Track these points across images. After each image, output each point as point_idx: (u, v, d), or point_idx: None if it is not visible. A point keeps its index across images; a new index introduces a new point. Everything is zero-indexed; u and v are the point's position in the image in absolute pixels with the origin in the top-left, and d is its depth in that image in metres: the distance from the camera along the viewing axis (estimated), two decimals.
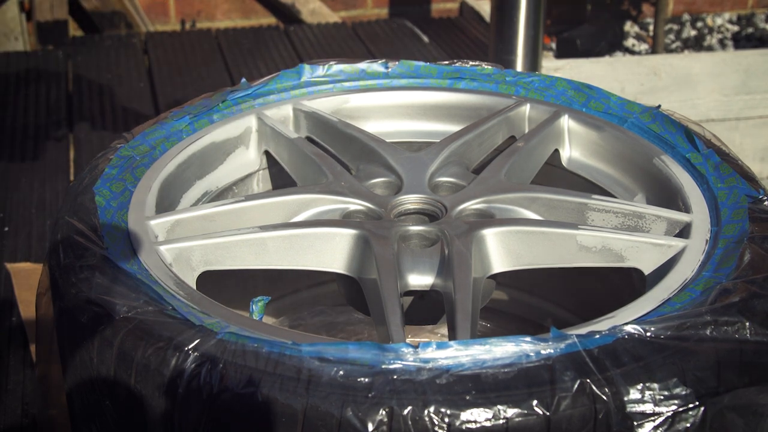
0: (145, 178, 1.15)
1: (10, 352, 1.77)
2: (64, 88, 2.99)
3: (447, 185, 1.21)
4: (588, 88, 1.34)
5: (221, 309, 0.92)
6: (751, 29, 3.66)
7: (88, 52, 3.27)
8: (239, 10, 3.66)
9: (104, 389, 0.88)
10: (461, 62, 1.42)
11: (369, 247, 1.04)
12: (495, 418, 0.77)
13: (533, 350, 0.82)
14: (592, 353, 0.82)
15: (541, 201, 1.15)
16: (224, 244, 1.05)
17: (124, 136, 1.22)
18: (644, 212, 1.11)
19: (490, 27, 2.65)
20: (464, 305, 0.96)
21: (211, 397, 0.80)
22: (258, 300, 1.01)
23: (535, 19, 2.50)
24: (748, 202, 1.06)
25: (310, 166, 1.24)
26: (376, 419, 0.77)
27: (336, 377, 0.79)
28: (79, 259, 0.97)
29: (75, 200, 1.09)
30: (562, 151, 1.30)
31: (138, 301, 0.90)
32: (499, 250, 1.07)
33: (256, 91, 1.35)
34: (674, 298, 0.93)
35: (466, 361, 0.81)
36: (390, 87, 1.40)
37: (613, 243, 1.06)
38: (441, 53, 3.28)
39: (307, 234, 1.06)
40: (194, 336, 0.85)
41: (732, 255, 0.98)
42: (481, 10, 3.50)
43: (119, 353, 0.86)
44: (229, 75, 3.10)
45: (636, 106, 1.29)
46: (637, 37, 3.55)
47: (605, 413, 0.79)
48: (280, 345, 0.83)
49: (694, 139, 1.20)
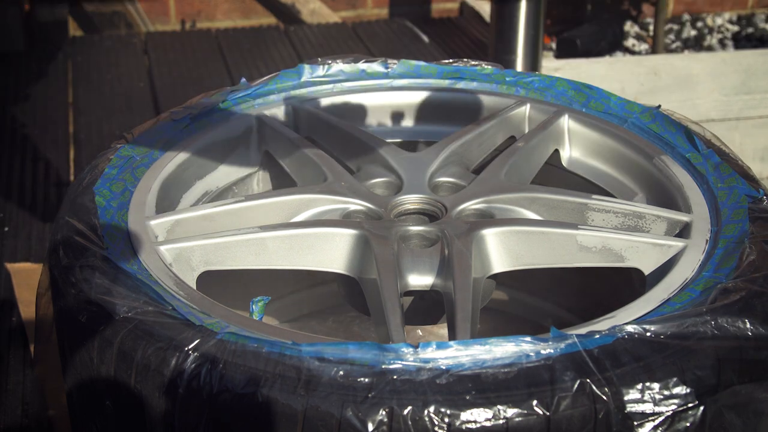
0: (145, 178, 1.15)
1: (10, 352, 1.77)
2: (64, 88, 2.99)
3: (447, 185, 1.21)
4: (588, 88, 1.34)
5: (221, 309, 0.92)
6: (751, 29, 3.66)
7: (88, 52, 3.27)
8: (239, 10, 3.66)
9: (104, 389, 0.88)
10: (461, 62, 1.42)
11: (369, 247, 1.04)
12: (495, 418, 0.77)
13: (533, 350, 0.82)
14: (592, 353, 0.82)
15: (541, 201, 1.14)
16: (224, 244, 1.05)
17: (124, 136, 1.22)
18: (644, 212, 1.11)
19: (490, 27, 2.65)
20: (464, 305, 0.96)
21: (211, 397, 0.80)
22: (258, 300, 1.01)
23: (535, 19, 2.50)
24: (748, 202, 1.06)
25: (310, 166, 1.24)
26: (376, 419, 0.77)
27: (336, 377, 0.79)
28: (79, 259, 0.97)
29: (75, 200, 1.09)
30: (562, 151, 1.30)
31: (138, 301, 0.90)
32: (499, 250, 1.07)
33: (256, 91, 1.35)
34: (674, 298, 0.93)
35: (466, 361, 0.81)
36: (390, 87, 1.40)
37: (613, 243, 1.06)
38: (441, 53, 3.28)
39: (307, 234, 1.06)
40: (194, 336, 0.85)
41: (732, 255, 0.98)
42: (481, 10, 3.49)
43: (119, 353, 0.86)
44: (229, 75, 3.10)
45: (636, 106, 1.29)
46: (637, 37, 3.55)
47: (605, 413, 0.79)
48: (280, 345, 0.83)
49: (694, 139, 1.20)
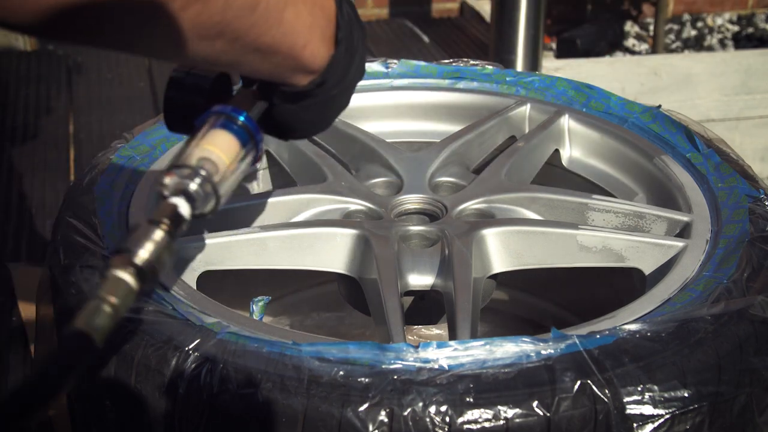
0: (146, 177, 1.14)
1: (10, 352, 1.77)
2: (64, 88, 2.99)
3: (447, 185, 1.21)
4: (588, 88, 1.34)
5: (221, 309, 0.92)
6: (751, 29, 3.66)
7: (88, 52, 3.27)
8: None
9: (104, 389, 0.88)
10: (461, 62, 1.42)
11: (369, 247, 1.04)
12: (495, 419, 0.77)
13: (533, 350, 0.82)
14: (593, 353, 0.82)
15: (542, 201, 1.14)
16: (224, 244, 1.05)
17: (124, 136, 1.22)
18: (645, 212, 1.11)
19: (490, 27, 2.65)
20: (464, 305, 0.96)
21: (211, 397, 0.80)
22: (258, 300, 1.01)
23: (535, 19, 2.50)
24: (749, 202, 1.06)
25: (310, 166, 1.23)
26: (376, 419, 0.77)
27: (336, 377, 0.79)
28: (79, 259, 0.97)
29: (75, 200, 1.09)
30: (563, 150, 1.30)
31: (138, 301, 0.90)
32: (500, 250, 1.07)
33: None
34: (674, 298, 0.93)
35: (466, 361, 0.81)
36: (390, 87, 1.40)
37: (614, 243, 1.06)
38: (441, 53, 3.28)
39: (307, 234, 1.06)
40: (194, 336, 0.85)
41: (732, 255, 0.98)
42: (481, 10, 3.49)
43: (119, 353, 0.86)
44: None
45: (636, 106, 1.29)
46: (637, 37, 3.55)
47: (605, 414, 0.79)
48: (280, 345, 0.83)
49: (694, 139, 1.20)
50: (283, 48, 0.61)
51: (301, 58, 0.63)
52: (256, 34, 0.58)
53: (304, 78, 0.64)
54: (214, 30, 0.55)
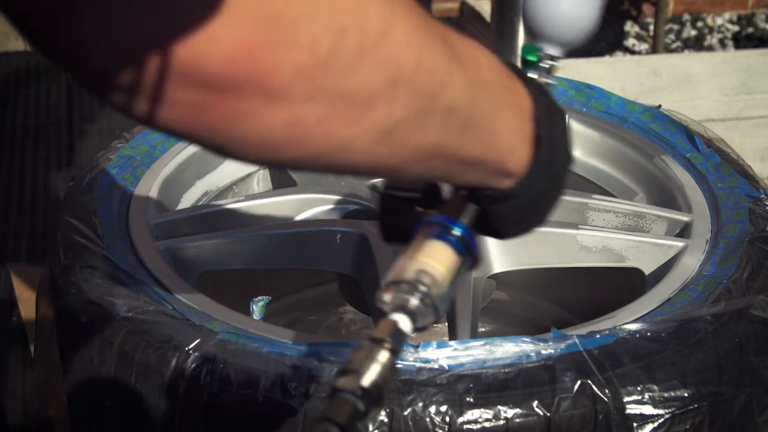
0: (146, 177, 1.14)
1: (10, 352, 1.77)
2: (64, 88, 2.98)
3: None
4: (588, 87, 1.34)
5: (221, 309, 0.92)
6: (751, 29, 3.66)
7: None
8: None
9: (104, 389, 0.88)
10: None
11: (369, 246, 1.04)
12: (495, 419, 0.77)
13: (534, 350, 0.82)
14: (593, 353, 0.82)
15: None
16: (224, 244, 1.05)
17: (124, 136, 1.22)
18: (645, 212, 1.11)
19: (490, 27, 2.65)
20: (464, 305, 0.96)
21: (211, 397, 0.80)
22: (258, 300, 1.01)
23: None
24: (749, 202, 1.06)
25: None
26: (376, 419, 0.77)
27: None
28: (79, 259, 0.97)
29: (75, 200, 1.09)
30: None
31: (138, 301, 0.90)
32: (500, 249, 1.07)
33: None
34: (674, 298, 0.93)
35: (466, 361, 0.81)
36: None
37: (614, 243, 1.06)
38: None
39: (307, 233, 1.06)
40: (194, 336, 0.85)
41: (732, 255, 0.98)
42: (481, 10, 3.49)
43: (119, 353, 0.86)
44: None
45: (636, 106, 1.29)
46: (637, 37, 3.55)
47: (605, 414, 0.79)
48: (280, 345, 0.83)
49: (694, 139, 1.19)
50: (490, 158, 0.60)
51: (507, 164, 0.62)
52: (469, 149, 0.58)
53: (508, 181, 0.63)
54: (428, 152, 0.55)
